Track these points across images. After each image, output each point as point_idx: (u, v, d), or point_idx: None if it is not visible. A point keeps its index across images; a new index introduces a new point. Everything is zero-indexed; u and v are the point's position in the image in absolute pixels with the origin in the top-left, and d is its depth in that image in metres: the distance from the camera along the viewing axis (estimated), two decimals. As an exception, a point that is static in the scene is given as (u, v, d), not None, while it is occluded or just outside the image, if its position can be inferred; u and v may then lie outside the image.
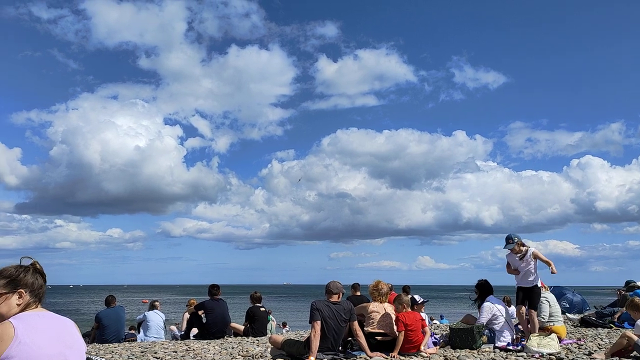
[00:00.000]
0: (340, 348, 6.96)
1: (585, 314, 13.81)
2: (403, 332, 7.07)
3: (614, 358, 6.79)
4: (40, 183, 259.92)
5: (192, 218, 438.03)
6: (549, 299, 9.18)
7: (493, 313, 8.20)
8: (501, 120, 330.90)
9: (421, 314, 8.62)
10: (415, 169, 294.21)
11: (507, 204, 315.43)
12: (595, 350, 7.55)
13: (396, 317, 7.25)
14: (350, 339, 7.44)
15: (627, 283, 13.94)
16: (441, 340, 8.26)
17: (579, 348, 7.91)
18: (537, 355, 7.08)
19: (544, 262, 8.05)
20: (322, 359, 6.49)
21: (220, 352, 8.03)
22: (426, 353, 7.12)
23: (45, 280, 2.62)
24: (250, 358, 7.43)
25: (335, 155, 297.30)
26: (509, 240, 8.27)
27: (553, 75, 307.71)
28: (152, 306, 12.53)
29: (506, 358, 7.05)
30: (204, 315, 10.87)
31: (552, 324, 8.99)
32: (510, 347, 7.77)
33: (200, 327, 10.96)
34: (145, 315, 12.09)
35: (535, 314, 8.25)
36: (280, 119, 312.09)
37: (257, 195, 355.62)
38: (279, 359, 6.86)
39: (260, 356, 7.53)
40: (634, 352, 6.79)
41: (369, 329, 7.30)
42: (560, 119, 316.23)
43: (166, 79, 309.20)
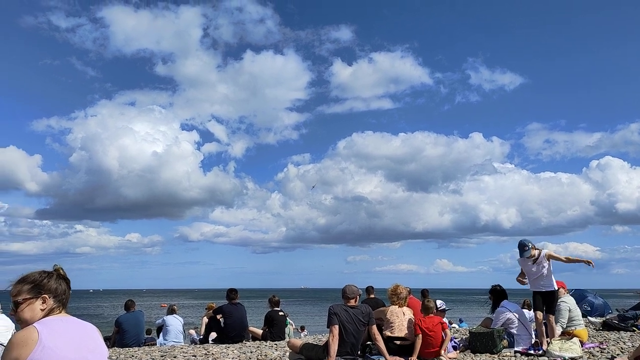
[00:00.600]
0: (359, 352, 6.94)
1: (607, 317, 13.58)
2: (420, 336, 7.03)
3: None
4: (60, 189, 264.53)
5: (209, 222, 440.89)
6: (569, 303, 9.06)
7: (507, 318, 8.10)
8: (518, 121, 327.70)
9: (442, 318, 8.55)
10: (431, 171, 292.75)
11: (526, 206, 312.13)
12: (617, 354, 7.43)
13: (414, 322, 7.22)
14: (368, 343, 7.42)
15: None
16: (461, 345, 8.20)
17: (602, 352, 7.79)
18: (559, 360, 7.00)
19: (561, 261, 7.91)
20: (341, 364, 6.48)
21: (238, 356, 8.05)
22: (446, 358, 7.06)
23: (69, 286, 2.66)
24: (269, 362, 7.43)
25: (351, 159, 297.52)
26: (524, 247, 8.04)
27: (571, 75, 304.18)
28: (171, 310, 12.61)
29: (527, 362, 6.98)
30: (222, 319, 10.91)
31: (574, 327, 8.87)
32: (532, 352, 7.68)
33: (219, 331, 11.00)
34: (164, 319, 12.17)
35: (553, 319, 8.10)
36: (295, 123, 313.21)
37: (274, 199, 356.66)
38: (298, 363, 6.86)
39: (279, 360, 7.54)
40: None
41: (388, 333, 7.27)
42: (579, 119, 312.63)
43: (182, 85, 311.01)
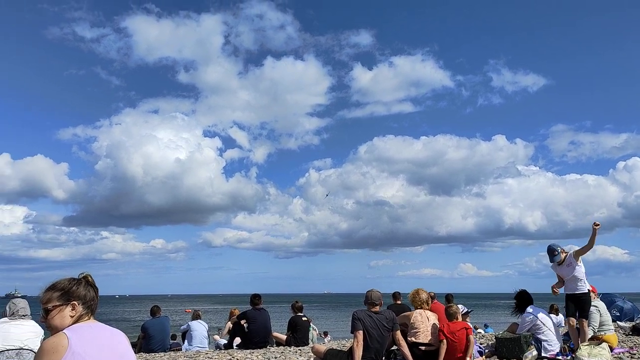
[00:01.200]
0: (383, 358, 6.91)
1: (637, 321, 13.27)
2: (445, 342, 6.97)
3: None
4: (86, 196, 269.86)
5: (232, 228, 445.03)
6: (600, 307, 8.89)
7: (534, 323, 7.97)
8: (542, 123, 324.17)
9: (467, 323, 8.46)
10: (454, 175, 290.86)
11: (551, 209, 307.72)
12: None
13: (439, 327, 7.15)
14: (393, 349, 7.37)
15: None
16: (487, 350, 8.09)
17: (632, 357, 7.63)
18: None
19: (588, 248, 7.83)
20: (365, 369, 6.44)
21: (263, 362, 8.06)
22: (471, 363, 6.99)
23: (97, 293, 2.71)
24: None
25: (373, 163, 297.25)
26: (554, 252, 8.01)
27: (596, 75, 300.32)
28: (196, 316, 12.70)
29: (555, 368, 6.85)
30: (246, 324, 10.96)
31: (603, 332, 8.69)
32: (560, 357, 7.55)
33: (243, 337, 11.05)
34: (189, 325, 12.27)
35: (585, 323, 7.96)
36: (316, 128, 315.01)
37: (295, 204, 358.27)
38: (322, 369, 6.84)
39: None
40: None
41: (412, 339, 7.22)
42: (605, 120, 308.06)
43: (204, 92, 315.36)
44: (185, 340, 12.15)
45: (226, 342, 11.73)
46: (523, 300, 8.38)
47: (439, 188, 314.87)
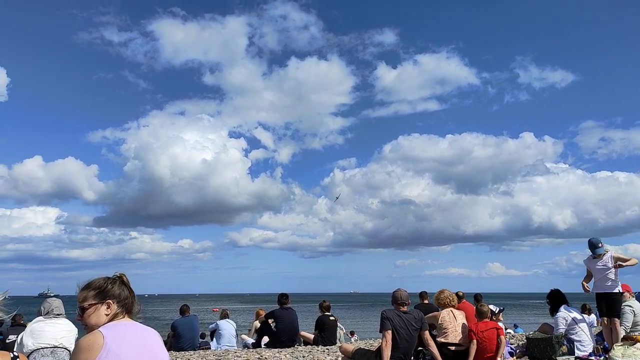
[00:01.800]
0: (411, 358, 6.87)
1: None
2: (475, 342, 6.89)
3: None
4: (115, 198, 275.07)
5: (258, 228, 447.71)
6: (634, 307, 8.69)
7: (569, 322, 7.83)
8: (571, 120, 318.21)
9: (499, 323, 8.35)
10: (481, 173, 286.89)
11: (582, 207, 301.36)
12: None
13: (469, 328, 7.08)
14: (421, 348, 7.32)
15: None
16: (517, 351, 7.97)
17: (670, 359, 7.42)
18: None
19: (631, 264, 7.66)
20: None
21: (291, 361, 8.08)
22: (502, 364, 6.90)
23: (132, 293, 2.75)
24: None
25: (398, 162, 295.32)
26: (597, 245, 7.90)
27: (626, 70, 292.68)
28: (224, 315, 12.82)
29: (589, 369, 6.72)
30: (273, 323, 11.01)
31: (638, 333, 8.49)
32: (592, 358, 7.40)
33: (271, 336, 11.10)
34: (217, 324, 12.39)
35: (618, 323, 7.82)
36: (341, 128, 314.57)
37: (320, 204, 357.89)
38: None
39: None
40: None
41: (441, 339, 7.16)
42: (636, 116, 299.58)
43: (230, 94, 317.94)
44: (214, 339, 12.28)
45: (254, 342, 11.81)
46: (556, 299, 8.25)
47: (466, 187, 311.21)
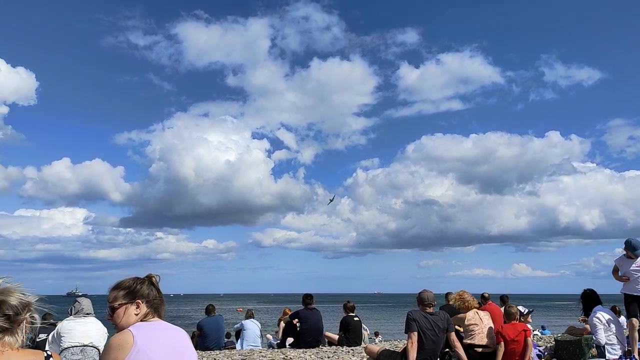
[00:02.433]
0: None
1: None
2: (503, 344, 6.81)
3: None
4: (141, 198, 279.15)
5: (281, 228, 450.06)
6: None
7: (604, 325, 7.64)
8: (599, 118, 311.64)
9: (527, 325, 8.21)
10: (505, 173, 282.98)
11: (610, 207, 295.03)
12: None
13: (496, 330, 6.99)
14: (447, 350, 7.25)
15: None
16: (546, 353, 7.85)
17: None
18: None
19: None
20: (420, 371, 6.37)
21: (316, 361, 8.08)
22: (530, 366, 6.79)
23: (159, 293, 2.78)
24: (347, 368, 7.42)
25: (421, 162, 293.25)
26: (638, 247, 7.70)
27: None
28: (249, 315, 12.90)
29: (620, 373, 6.58)
30: (298, 324, 11.04)
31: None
32: (624, 362, 7.24)
33: (296, 336, 11.13)
34: (242, 323, 12.47)
35: None
36: (363, 128, 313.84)
37: (343, 204, 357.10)
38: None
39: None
40: None
41: (468, 341, 7.09)
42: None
43: (252, 95, 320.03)
44: (239, 339, 12.36)
45: (279, 341, 11.86)
46: (589, 300, 8.04)
47: (490, 186, 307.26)
